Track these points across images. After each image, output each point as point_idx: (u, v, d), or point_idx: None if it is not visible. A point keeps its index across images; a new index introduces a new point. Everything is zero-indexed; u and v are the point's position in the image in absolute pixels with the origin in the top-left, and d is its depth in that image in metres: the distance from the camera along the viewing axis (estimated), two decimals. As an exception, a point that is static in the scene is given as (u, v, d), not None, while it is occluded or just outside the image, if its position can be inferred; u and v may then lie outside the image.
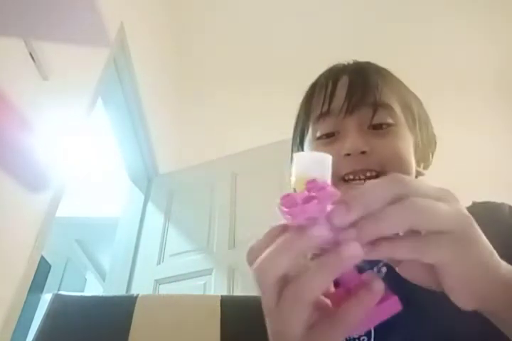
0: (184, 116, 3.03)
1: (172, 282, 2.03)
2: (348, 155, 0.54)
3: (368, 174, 0.54)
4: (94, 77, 1.66)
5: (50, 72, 1.29)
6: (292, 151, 0.70)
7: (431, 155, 0.64)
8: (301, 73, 3.03)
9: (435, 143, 0.64)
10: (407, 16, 2.83)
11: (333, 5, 2.80)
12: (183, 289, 1.95)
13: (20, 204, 1.17)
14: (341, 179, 0.55)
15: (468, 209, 0.56)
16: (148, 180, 2.57)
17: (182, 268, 2.05)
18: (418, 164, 0.60)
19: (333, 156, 0.56)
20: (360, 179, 0.54)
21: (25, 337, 2.60)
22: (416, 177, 0.60)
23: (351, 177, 0.54)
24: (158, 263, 2.15)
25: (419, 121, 0.61)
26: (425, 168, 0.63)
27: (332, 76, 0.62)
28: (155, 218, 2.35)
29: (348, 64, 0.64)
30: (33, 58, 1.21)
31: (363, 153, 0.54)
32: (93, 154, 2.95)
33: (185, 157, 2.70)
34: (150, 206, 2.44)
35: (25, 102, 1.15)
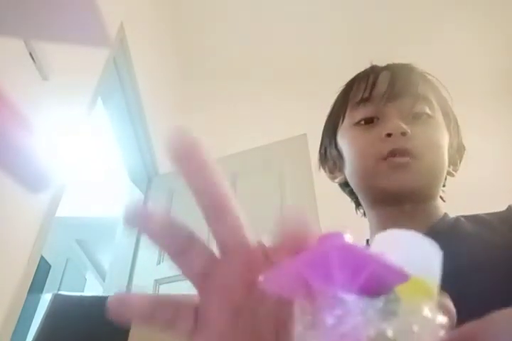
0: (184, 116, 3.03)
1: (172, 282, 2.03)
2: (389, 135, 0.54)
3: (408, 155, 0.54)
4: (94, 77, 1.66)
5: (50, 72, 1.29)
6: (322, 142, 0.68)
7: (459, 162, 0.64)
8: (303, 74, 3.04)
9: (463, 152, 0.65)
10: (406, 17, 2.83)
11: (334, 6, 2.80)
12: (183, 289, 1.94)
13: (20, 204, 1.17)
14: (381, 159, 0.55)
15: (502, 213, 0.55)
16: (148, 180, 2.57)
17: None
18: (448, 165, 0.60)
19: (372, 140, 0.56)
20: (398, 156, 0.54)
21: (25, 337, 2.60)
22: (446, 176, 0.61)
23: (390, 156, 0.54)
24: (158, 263, 2.15)
25: (453, 123, 0.63)
26: (454, 170, 0.63)
27: (373, 70, 0.62)
28: (155, 218, 2.35)
29: (388, 63, 0.65)
30: (33, 58, 1.21)
31: (404, 134, 0.54)
32: (93, 154, 2.95)
33: (185, 157, 2.69)
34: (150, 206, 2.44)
35: (25, 102, 1.15)
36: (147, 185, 2.55)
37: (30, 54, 1.20)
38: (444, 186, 0.62)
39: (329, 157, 0.66)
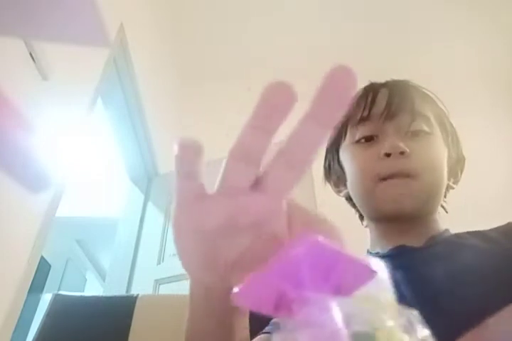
0: (184, 116, 3.03)
1: (172, 282, 2.03)
2: (388, 155, 0.56)
3: (407, 175, 0.55)
4: (94, 77, 1.66)
5: (50, 72, 1.29)
6: (326, 157, 0.70)
7: (460, 173, 0.65)
8: (303, 74, 3.04)
9: (464, 162, 0.67)
10: (405, 17, 2.83)
11: (334, 6, 2.80)
12: (183, 289, 1.94)
13: (20, 204, 1.17)
14: (379, 179, 0.56)
15: (502, 227, 0.57)
16: (148, 180, 2.57)
17: (182, 268, 2.05)
18: (448, 178, 0.61)
19: (371, 159, 0.58)
20: (397, 178, 0.55)
21: (25, 337, 2.60)
22: (446, 190, 0.62)
23: (389, 176, 0.55)
24: (158, 263, 2.15)
25: (451, 136, 0.64)
26: (454, 183, 0.64)
27: (372, 88, 0.64)
28: (155, 218, 2.35)
29: (387, 81, 0.67)
30: (33, 58, 1.21)
31: (402, 153, 0.55)
32: (93, 154, 2.95)
33: (185, 157, 2.69)
34: (150, 206, 2.44)
35: (25, 102, 1.15)
36: (147, 185, 2.55)
37: (30, 54, 1.20)
38: (445, 197, 0.63)
39: (333, 172, 0.68)
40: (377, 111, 0.60)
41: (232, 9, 2.84)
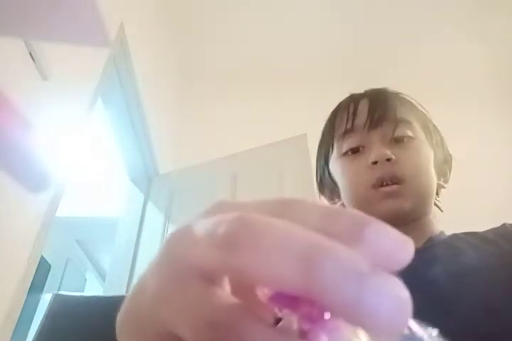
0: (184, 116, 3.03)
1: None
2: (375, 163, 0.57)
3: (395, 180, 0.56)
4: (94, 77, 1.66)
5: (50, 72, 1.29)
6: (317, 173, 0.71)
7: (448, 172, 0.67)
8: (303, 74, 3.04)
9: (451, 162, 0.68)
10: (405, 17, 2.83)
11: (333, 6, 2.80)
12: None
13: (20, 204, 1.17)
14: (371, 187, 0.57)
15: (497, 228, 0.58)
16: (148, 180, 2.57)
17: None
18: (438, 178, 0.63)
19: (360, 169, 0.59)
20: (387, 184, 0.56)
21: (25, 337, 2.60)
22: (438, 189, 0.63)
23: (379, 183, 0.57)
24: (158, 263, 2.14)
25: (435, 138, 0.65)
26: (445, 182, 0.66)
27: (353, 100, 0.66)
28: (155, 218, 2.35)
29: (366, 90, 0.68)
30: (33, 58, 1.21)
31: (389, 160, 0.57)
32: (93, 154, 2.95)
33: (185, 157, 2.69)
34: (150, 206, 2.44)
35: (25, 102, 1.15)
36: (147, 185, 2.55)
37: (30, 54, 1.20)
38: (438, 196, 0.64)
39: (325, 185, 0.70)
40: (360, 122, 0.61)
41: (232, 9, 2.84)
